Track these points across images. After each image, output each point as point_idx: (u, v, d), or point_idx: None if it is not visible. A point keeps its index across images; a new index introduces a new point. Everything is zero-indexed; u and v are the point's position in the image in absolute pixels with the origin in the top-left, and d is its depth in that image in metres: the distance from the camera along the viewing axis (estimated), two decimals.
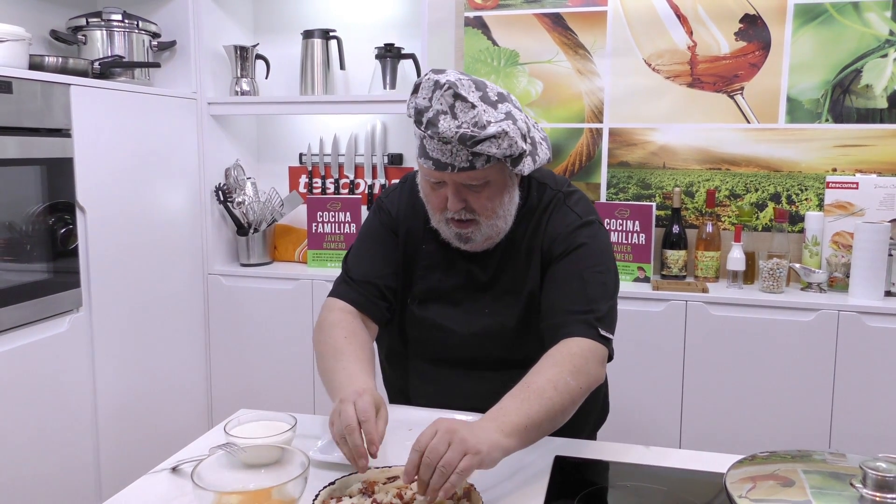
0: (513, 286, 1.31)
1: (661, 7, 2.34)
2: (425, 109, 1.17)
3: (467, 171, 1.18)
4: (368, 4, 2.59)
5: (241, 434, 1.10)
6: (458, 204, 1.22)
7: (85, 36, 2.22)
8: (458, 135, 1.14)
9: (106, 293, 2.04)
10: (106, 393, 2.05)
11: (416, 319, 1.35)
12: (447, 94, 1.14)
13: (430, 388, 1.35)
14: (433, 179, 1.23)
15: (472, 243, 1.28)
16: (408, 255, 1.36)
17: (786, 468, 1.05)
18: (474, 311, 1.32)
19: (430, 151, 1.18)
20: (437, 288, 1.33)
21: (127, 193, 2.12)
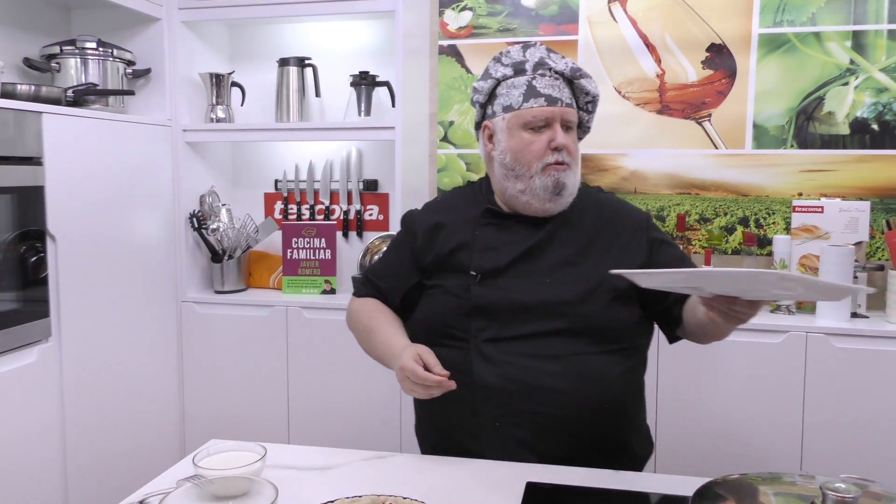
0: (573, 259, 1.36)
1: (630, 36, 2.39)
2: (525, 60, 1.37)
3: (570, 108, 1.37)
4: (343, 33, 2.62)
5: (209, 465, 1.09)
6: (564, 138, 1.35)
7: (59, 64, 2.22)
8: (569, 67, 1.37)
9: (76, 322, 2.02)
10: (75, 424, 2.02)
11: (482, 297, 1.34)
12: (541, 48, 1.39)
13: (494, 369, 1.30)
14: (543, 117, 1.34)
15: (563, 195, 1.36)
16: (458, 244, 1.40)
17: (752, 490, 1.07)
18: (534, 280, 1.34)
19: (541, 89, 1.34)
20: (495, 265, 1.36)
21: (99, 221, 2.11)
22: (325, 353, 2.37)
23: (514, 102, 1.36)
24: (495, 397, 1.30)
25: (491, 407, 1.31)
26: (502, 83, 1.39)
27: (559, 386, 1.29)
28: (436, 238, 1.43)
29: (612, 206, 1.46)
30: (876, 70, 2.22)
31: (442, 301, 1.39)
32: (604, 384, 1.31)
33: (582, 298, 1.32)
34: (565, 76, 1.37)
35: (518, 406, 1.30)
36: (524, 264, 1.36)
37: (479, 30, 2.51)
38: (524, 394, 1.29)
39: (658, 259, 1.40)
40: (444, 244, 1.41)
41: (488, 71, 1.41)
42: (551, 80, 1.35)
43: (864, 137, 2.25)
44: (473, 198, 1.48)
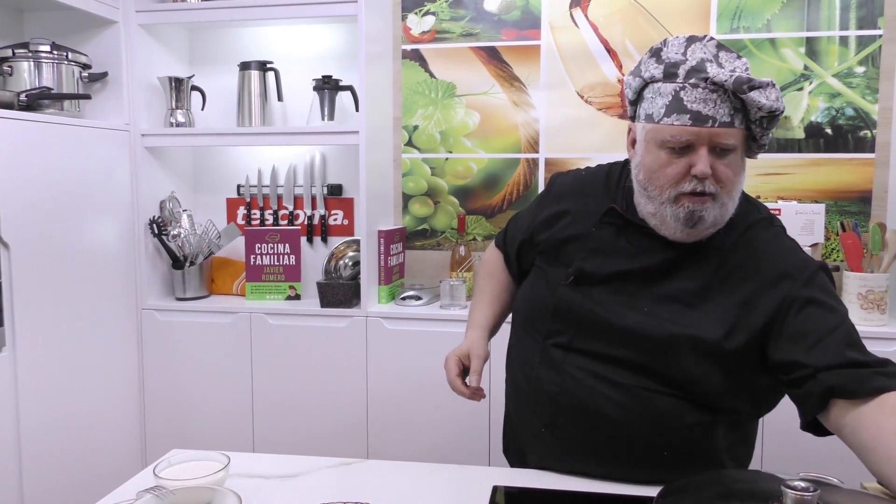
0: (685, 297, 1.16)
1: (591, 41, 2.42)
2: (681, 62, 1.11)
3: (727, 128, 1.10)
4: (306, 36, 2.60)
5: (171, 476, 1.07)
6: (707, 167, 1.10)
7: (11, 67, 2.16)
8: (734, 78, 1.07)
9: (31, 332, 1.96)
10: (31, 437, 1.96)
11: (566, 299, 1.23)
12: (710, 45, 1.13)
13: (555, 376, 1.22)
14: (684, 138, 1.11)
15: (699, 227, 1.14)
16: (571, 234, 1.28)
17: (711, 490, 1.08)
18: (632, 304, 1.18)
19: (689, 103, 1.09)
20: (595, 272, 1.22)
21: (55, 228, 2.05)
22: (290, 360, 2.34)
23: (655, 113, 1.13)
24: (547, 404, 1.23)
25: (541, 411, 1.24)
26: (650, 85, 1.15)
27: (613, 414, 1.17)
28: (557, 220, 1.31)
29: (766, 248, 1.18)
30: (829, 75, 2.28)
31: (536, 289, 1.30)
32: (670, 429, 1.15)
33: (669, 345, 1.14)
34: (726, 88, 1.09)
35: (565, 421, 1.21)
36: (629, 282, 1.20)
37: (442, 34, 2.52)
38: (574, 411, 1.20)
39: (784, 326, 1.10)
40: (561, 230, 1.29)
41: (639, 65, 1.18)
42: (706, 93, 1.09)
43: (818, 141, 2.31)
44: (609, 187, 1.29)
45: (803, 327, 1.09)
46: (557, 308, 1.23)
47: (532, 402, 1.26)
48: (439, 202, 2.57)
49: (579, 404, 1.19)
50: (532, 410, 1.26)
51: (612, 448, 1.18)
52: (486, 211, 2.54)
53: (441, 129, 2.54)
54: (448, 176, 2.56)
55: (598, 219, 1.25)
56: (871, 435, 0.99)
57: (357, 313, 2.30)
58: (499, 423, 1.60)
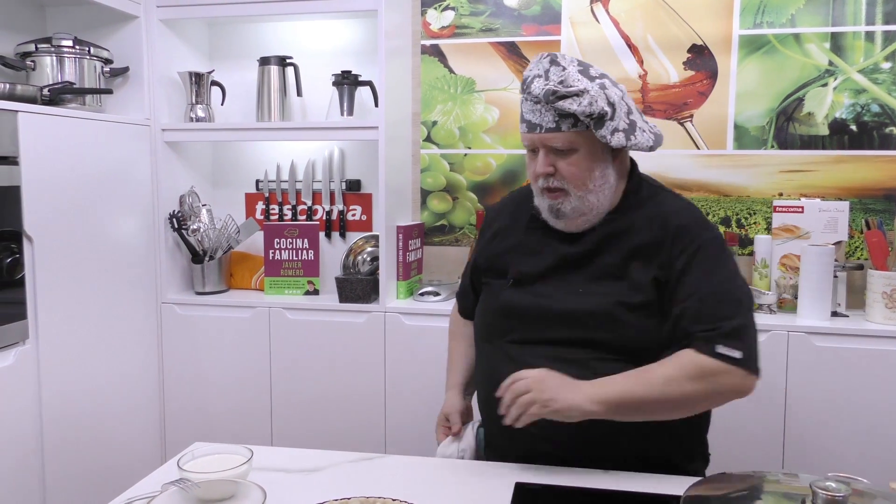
0: (614, 270, 1.30)
1: (612, 37, 2.40)
2: (527, 78, 1.30)
3: (553, 133, 1.27)
4: (325, 32, 2.60)
5: (195, 468, 1.07)
6: (545, 167, 1.29)
7: (34, 62, 2.18)
8: (543, 91, 1.25)
9: (54, 324, 1.98)
10: (54, 427, 1.98)
11: (511, 300, 1.36)
12: (545, 60, 1.29)
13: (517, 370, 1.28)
14: (526, 143, 1.32)
15: (564, 219, 1.32)
16: (507, 247, 1.43)
17: (739, 489, 1.07)
18: (568, 289, 1.32)
19: (525, 114, 1.30)
20: (532, 271, 1.36)
21: (77, 222, 2.07)
22: (309, 355, 2.35)
23: (520, 120, 1.36)
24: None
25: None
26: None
27: None
28: (493, 240, 1.47)
29: (661, 212, 1.33)
30: (854, 71, 2.25)
31: (486, 301, 1.44)
32: None
33: (608, 314, 1.27)
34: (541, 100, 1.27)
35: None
36: (563, 272, 1.34)
37: (462, 29, 2.51)
38: None
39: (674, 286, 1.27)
40: (497, 246, 1.45)
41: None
42: (532, 105, 1.28)
43: (842, 138, 2.28)
44: (528, 199, 1.43)
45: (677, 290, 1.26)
46: (504, 309, 1.37)
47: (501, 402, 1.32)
48: (458, 198, 2.57)
49: None
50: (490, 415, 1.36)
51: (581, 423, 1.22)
52: None
53: (460, 124, 2.54)
54: (467, 172, 2.55)
55: (524, 226, 1.42)
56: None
57: (375, 308, 2.30)
58: None
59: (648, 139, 1.32)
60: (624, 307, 1.27)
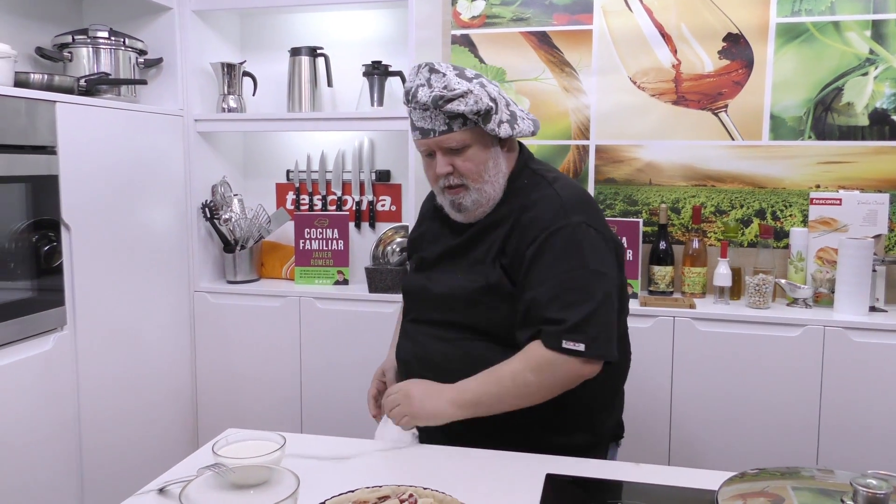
0: (486, 256, 1.40)
1: (645, 26, 2.37)
2: (409, 89, 1.37)
3: (446, 134, 1.35)
4: (356, 22, 2.60)
5: (229, 454, 1.09)
6: (444, 167, 1.37)
7: (71, 53, 2.21)
8: (431, 98, 1.32)
9: (91, 311, 2.02)
10: (90, 412, 2.02)
11: (410, 283, 1.54)
12: (424, 70, 1.36)
13: (409, 345, 1.49)
14: (422, 149, 1.40)
15: (465, 212, 1.41)
16: (420, 233, 1.58)
17: (775, 485, 1.06)
18: (450, 274, 1.44)
19: (416, 122, 1.38)
20: (429, 257, 1.50)
21: (112, 210, 2.10)
22: (338, 344, 2.37)
23: (410, 130, 1.42)
24: (407, 369, 1.48)
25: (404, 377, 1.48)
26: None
27: (449, 367, 1.39)
28: (416, 228, 1.62)
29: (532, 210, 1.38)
30: None
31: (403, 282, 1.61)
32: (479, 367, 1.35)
33: (470, 298, 1.39)
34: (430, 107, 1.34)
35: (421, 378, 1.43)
36: (450, 258, 1.46)
37: (493, 19, 2.49)
38: (425, 369, 1.42)
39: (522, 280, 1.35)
40: (415, 232, 1.61)
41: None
42: (421, 113, 1.36)
43: (883, 129, 2.22)
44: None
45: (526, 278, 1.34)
46: (405, 291, 1.56)
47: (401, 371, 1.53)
48: None
49: (422, 362, 1.44)
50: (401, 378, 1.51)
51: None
52: None
53: None
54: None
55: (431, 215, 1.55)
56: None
57: None
58: None
59: (529, 126, 1.43)
60: (481, 292, 1.38)
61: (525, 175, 1.44)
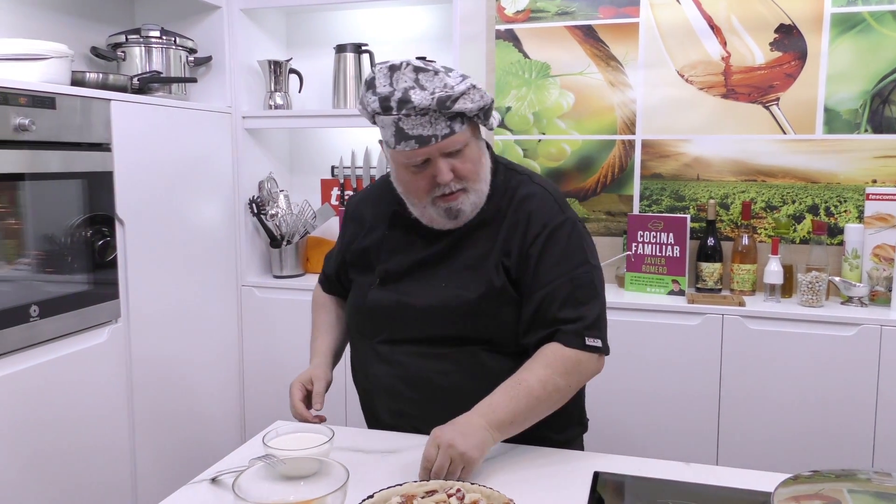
0: (474, 262, 1.30)
1: (693, 18, 2.32)
2: (390, 94, 1.19)
3: (450, 137, 1.22)
4: (400, 19, 2.61)
5: (278, 446, 1.10)
6: (448, 173, 1.23)
7: (124, 52, 2.27)
8: (435, 99, 1.18)
9: (144, 304, 2.07)
10: (142, 402, 2.07)
11: (377, 300, 1.35)
12: (408, 71, 1.20)
13: (388, 368, 1.34)
14: (419, 158, 1.23)
15: (461, 217, 1.29)
16: (371, 242, 1.40)
17: (831, 488, 1.03)
18: (431, 284, 1.31)
19: (409, 131, 1.20)
20: (397, 269, 1.35)
21: (164, 206, 2.15)
22: None
23: (388, 140, 1.24)
24: (388, 395, 1.35)
25: (387, 405, 1.36)
26: (377, 116, 1.23)
27: (446, 384, 1.29)
28: (357, 233, 1.43)
29: (527, 206, 1.32)
30: None
31: (354, 298, 1.41)
32: (487, 380, 1.25)
33: (471, 306, 1.28)
34: (432, 109, 1.19)
35: (410, 405, 1.33)
36: (427, 268, 1.33)
37: (537, 13, 2.47)
38: (416, 393, 1.31)
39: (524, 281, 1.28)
40: (361, 240, 1.41)
41: (363, 98, 1.25)
42: (419, 119, 1.19)
43: None
44: (392, 192, 1.37)
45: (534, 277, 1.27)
46: (371, 309, 1.35)
47: (377, 398, 1.37)
48: None
49: (414, 388, 1.31)
50: (378, 407, 1.38)
51: (451, 412, 1.22)
52: (579, 194, 2.50)
53: (534, 110, 2.51)
54: (541, 158, 2.52)
55: (387, 222, 1.38)
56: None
57: None
58: None
59: (496, 114, 1.33)
60: (482, 298, 1.27)
61: (500, 170, 1.35)
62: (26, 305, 1.69)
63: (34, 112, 1.69)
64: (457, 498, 0.98)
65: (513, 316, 1.29)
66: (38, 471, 1.71)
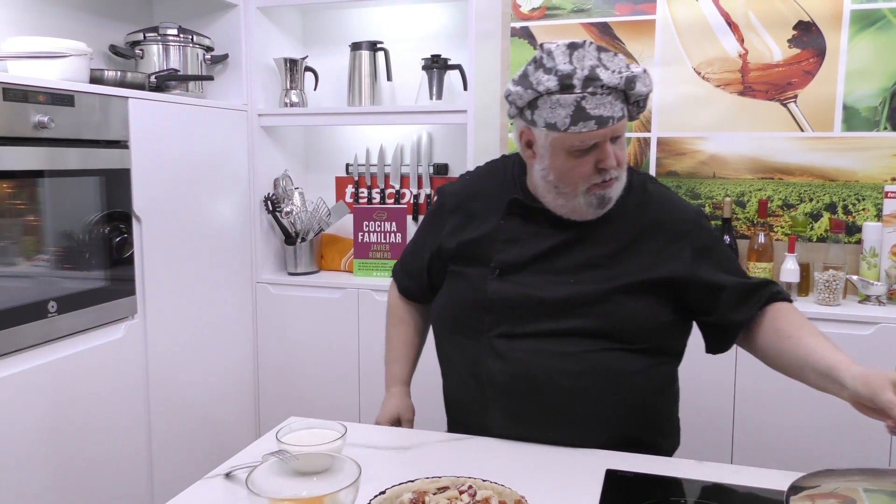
0: (601, 259, 1.26)
1: (711, 15, 2.30)
2: (572, 72, 1.15)
3: (621, 121, 1.20)
4: (415, 16, 2.62)
5: (292, 441, 1.11)
6: (613, 158, 1.21)
7: (142, 50, 2.29)
8: (624, 78, 1.17)
9: (160, 300, 2.09)
10: (159, 398, 2.09)
11: (499, 292, 1.29)
12: (592, 49, 1.18)
13: (506, 366, 1.27)
14: (590, 142, 1.19)
15: (608, 205, 1.26)
16: (482, 233, 1.34)
17: (847, 486, 1.02)
18: (554, 279, 1.27)
19: (591, 110, 1.16)
20: (516, 261, 1.29)
21: (180, 203, 2.17)
22: None
23: (559, 123, 1.18)
24: (503, 395, 1.28)
25: (499, 404, 1.29)
26: (545, 96, 1.18)
27: (571, 384, 1.24)
28: (464, 225, 1.37)
29: (657, 204, 1.31)
30: None
31: (461, 291, 1.35)
32: (620, 382, 1.24)
33: (603, 299, 1.24)
34: (619, 89, 1.18)
35: (526, 405, 1.27)
36: (548, 261, 1.28)
37: (553, 11, 2.46)
38: (534, 392, 1.25)
39: (700, 274, 1.27)
40: (470, 233, 1.35)
41: (528, 78, 1.20)
42: (603, 98, 1.16)
43: None
44: (503, 181, 1.37)
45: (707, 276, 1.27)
46: (492, 301, 1.29)
47: (486, 398, 1.30)
48: None
49: (534, 386, 1.25)
50: (490, 406, 1.30)
51: (572, 415, 1.23)
52: None
53: None
54: None
55: (502, 212, 1.32)
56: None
57: None
58: None
59: None
60: (622, 292, 1.24)
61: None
62: (44, 301, 1.71)
63: (53, 109, 1.71)
64: (468, 494, 0.99)
65: (650, 311, 1.26)
66: (56, 465, 1.74)
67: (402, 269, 1.55)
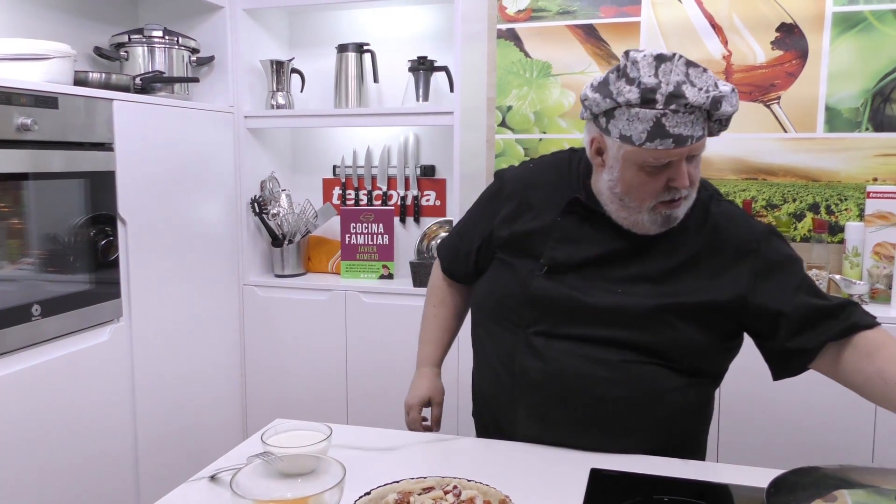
0: (656, 274, 1.23)
1: (695, 17, 2.32)
2: (657, 86, 1.10)
3: (700, 140, 1.15)
4: (401, 18, 2.62)
5: (277, 443, 1.11)
6: (686, 178, 1.16)
7: (127, 52, 2.28)
8: (710, 98, 1.11)
9: (145, 303, 2.08)
10: (145, 401, 2.08)
11: (545, 289, 1.26)
12: (680, 64, 1.12)
13: (541, 364, 1.25)
14: (665, 160, 1.15)
15: (672, 224, 1.22)
16: (537, 226, 1.31)
17: (829, 483, 1.03)
18: (604, 286, 1.23)
19: (670, 128, 1.11)
20: (567, 261, 1.26)
21: (166, 205, 2.16)
22: (383, 338, 2.39)
23: (634, 137, 1.14)
24: (534, 392, 1.26)
25: (528, 401, 1.28)
26: (623, 108, 1.14)
27: (604, 392, 1.22)
28: (520, 214, 1.34)
29: (720, 223, 1.26)
30: None
31: (506, 282, 1.32)
32: (655, 398, 1.22)
33: (650, 316, 1.21)
34: (703, 108, 1.12)
35: (555, 406, 1.25)
36: (599, 267, 1.25)
37: (539, 13, 2.48)
38: (565, 394, 1.24)
39: (756, 300, 1.21)
40: (525, 224, 1.32)
41: (608, 86, 1.15)
42: (685, 116, 1.11)
43: None
44: (567, 177, 1.33)
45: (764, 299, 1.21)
46: (536, 297, 1.26)
47: (517, 392, 1.29)
48: None
49: (567, 388, 1.23)
50: (519, 402, 1.29)
51: (601, 423, 1.23)
52: None
53: (535, 109, 2.51)
54: None
55: (560, 209, 1.29)
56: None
57: None
58: None
59: None
60: (672, 312, 1.20)
61: None
62: (28, 305, 1.70)
63: (37, 112, 1.70)
64: (453, 494, 0.99)
65: (694, 336, 1.22)
66: (41, 469, 1.73)
67: (448, 248, 1.51)
